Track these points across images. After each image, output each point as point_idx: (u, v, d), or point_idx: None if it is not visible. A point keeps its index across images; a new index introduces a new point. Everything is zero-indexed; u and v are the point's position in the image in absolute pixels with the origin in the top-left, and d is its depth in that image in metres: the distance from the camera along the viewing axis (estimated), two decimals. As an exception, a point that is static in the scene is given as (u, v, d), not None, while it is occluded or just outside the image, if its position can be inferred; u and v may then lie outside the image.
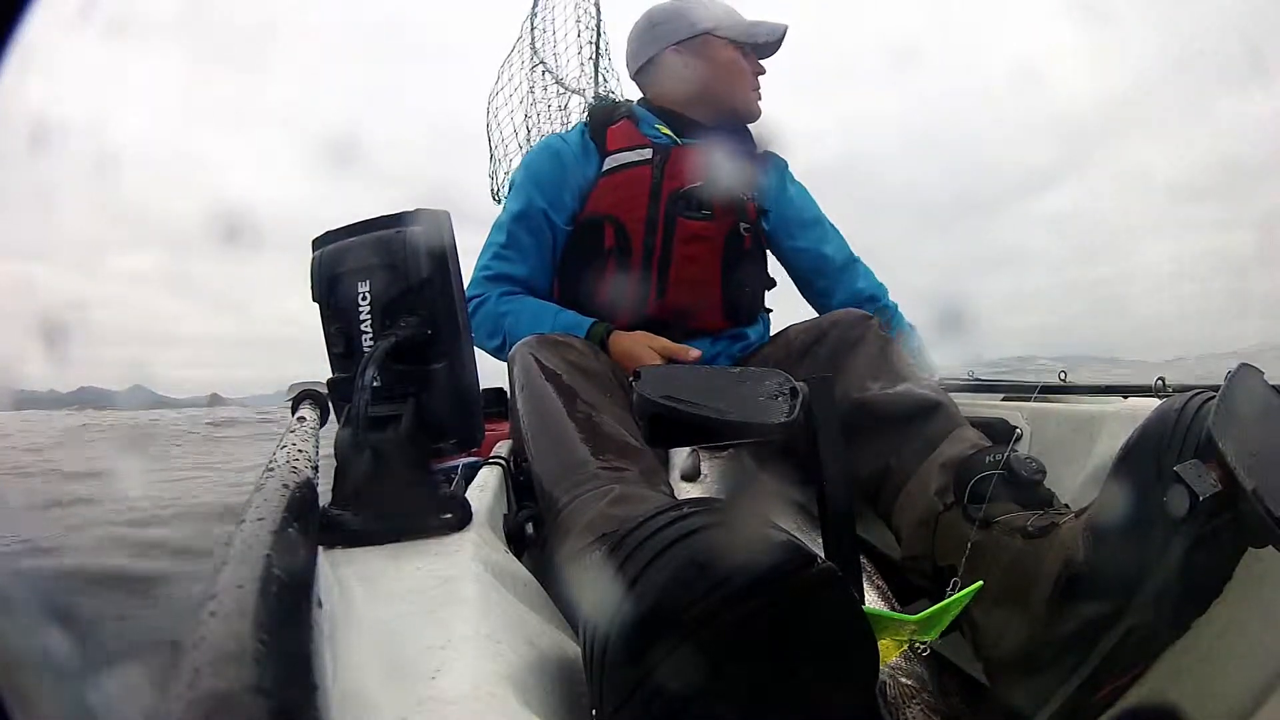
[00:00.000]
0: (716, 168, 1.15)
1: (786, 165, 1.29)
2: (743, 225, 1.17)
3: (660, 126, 1.19)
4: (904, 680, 0.64)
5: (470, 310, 1.13)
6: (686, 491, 0.96)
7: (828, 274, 1.29)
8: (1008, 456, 0.70)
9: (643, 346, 1.05)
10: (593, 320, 1.10)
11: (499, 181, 2.49)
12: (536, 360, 0.89)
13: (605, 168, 1.17)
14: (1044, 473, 0.70)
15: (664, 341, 1.07)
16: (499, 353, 1.11)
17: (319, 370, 0.70)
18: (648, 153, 1.16)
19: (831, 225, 1.31)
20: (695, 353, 1.08)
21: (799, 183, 1.30)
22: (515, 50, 2.59)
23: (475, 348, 0.68)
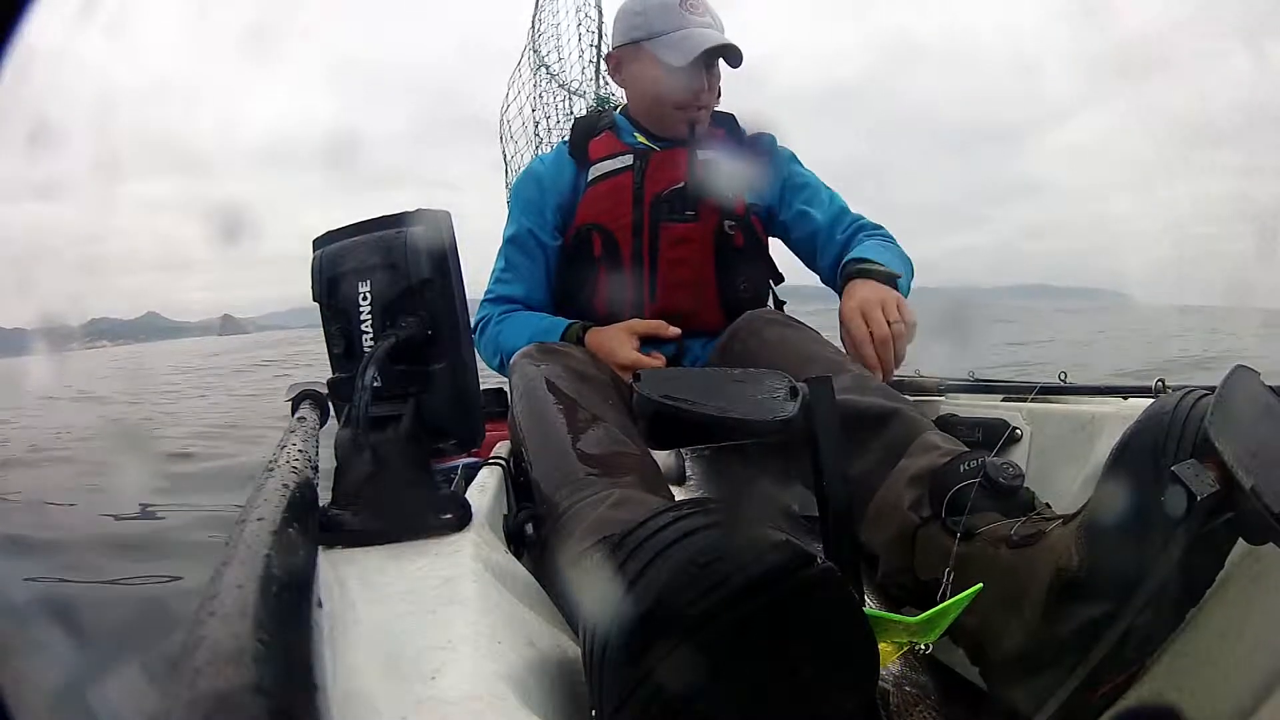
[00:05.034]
0: (694, 168, 1.13)
1: (775, 141, 1.25)
2: (728, 224, 1.14)
3: (638, 135, 1.19)
4: (907, 688, 0.64)
5: (477, 334, 1.16)
6: (675, 493, 0.96)
7: (819, 236, 1.21)
8: (984, 463, 0.67)
9: (619, 335, 1.05)
10: (569, 321, 1.11)
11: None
12: (536, 368, 0.89)
13: (590, 178, 1.17)
14: (1022, 476, 0.67)
15: (640, 323, 1.07)
16: (502, 369, 1.13)
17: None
18: (629, 159, 1.15)
19: (826, 188, 1.24)
20: (674, 330, 1.08)
21: (793, 155, 1.26)
22: (523, 59, 2.61)
23: (483, 364, 0.68)
